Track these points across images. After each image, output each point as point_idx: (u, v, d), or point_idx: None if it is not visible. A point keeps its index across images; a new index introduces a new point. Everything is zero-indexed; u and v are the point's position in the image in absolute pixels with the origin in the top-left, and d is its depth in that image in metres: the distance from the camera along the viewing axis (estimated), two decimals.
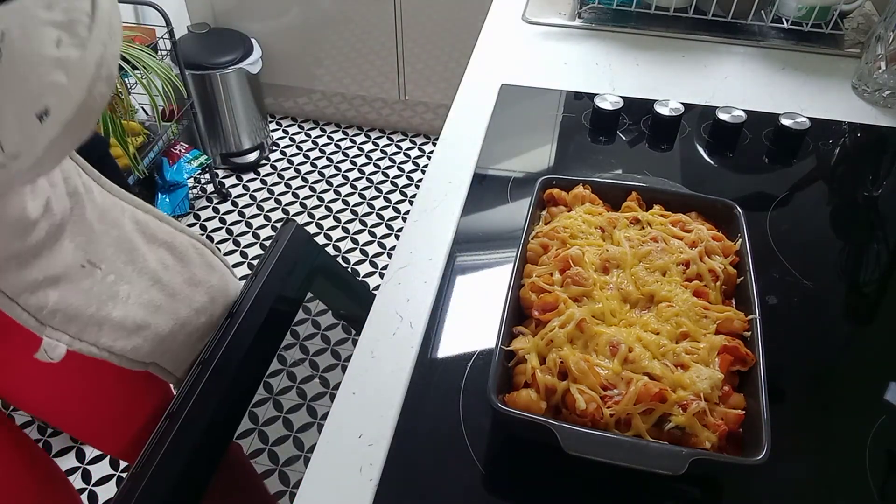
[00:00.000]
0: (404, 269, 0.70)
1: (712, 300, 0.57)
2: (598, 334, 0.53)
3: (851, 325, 0.68)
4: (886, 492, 0.53)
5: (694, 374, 0.50)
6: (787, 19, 1.08)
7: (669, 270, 0.58)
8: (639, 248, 0.60)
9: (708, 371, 0.51)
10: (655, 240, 0.61)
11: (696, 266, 0.58)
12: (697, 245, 0.60)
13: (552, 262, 0.59)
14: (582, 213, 0.64)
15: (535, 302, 0.56)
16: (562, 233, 0.61)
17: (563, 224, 0.62)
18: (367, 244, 2.04)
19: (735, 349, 0.52)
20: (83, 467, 1.51)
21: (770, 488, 0.53)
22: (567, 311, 0.54)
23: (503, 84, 0.98)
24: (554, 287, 0.57)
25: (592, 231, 0.62)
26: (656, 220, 0.63)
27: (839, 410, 0.59)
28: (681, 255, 0.59)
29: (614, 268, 0.59)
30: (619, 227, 0.63)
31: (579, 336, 0.53)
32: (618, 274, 0.58)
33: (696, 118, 0.93)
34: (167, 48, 1.84)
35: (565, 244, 0.60)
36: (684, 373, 0.51)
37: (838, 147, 0.90)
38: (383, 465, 0.54)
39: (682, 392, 0.49)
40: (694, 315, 0.55)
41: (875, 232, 0.78)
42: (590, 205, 0.66)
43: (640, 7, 1.13)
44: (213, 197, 2.22)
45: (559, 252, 0.59)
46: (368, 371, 0.61)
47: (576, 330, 0.53)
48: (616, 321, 0.55)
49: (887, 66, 0.93)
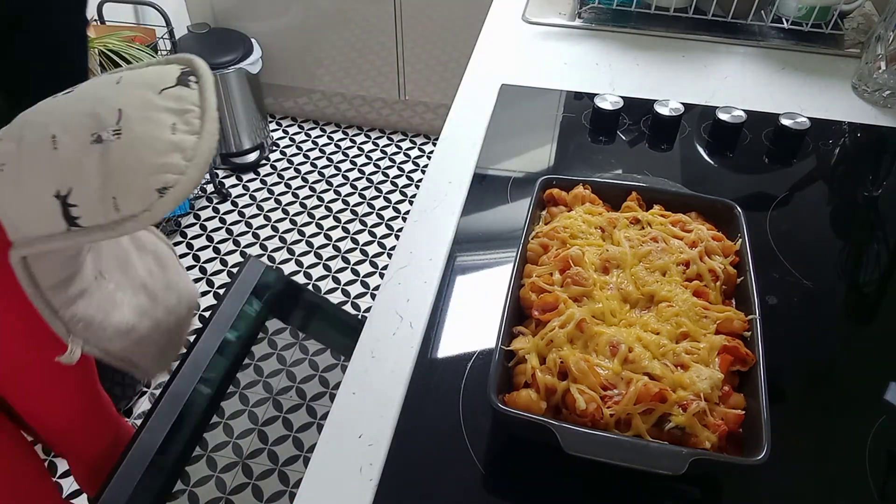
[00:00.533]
0: (404, 269, 0.70)
1: (712, 300, 0.57)
2: (598, 334, 0.53)
3: (851, 325, 0.68)
4: (886, 492, 0.53)
5: (694, 374, 0.50)
6: (787, 19, 1.08)
7: (669, 270, 0.58)
8: (639, 248, 0.60)
9: (708, 371, 0.51)
10: (655, 240, 0.60)
11: (695, 266, 0.58)
12: (697, 245, 0.60)
13: (552, 262, 0.59)
14: (582, 213, 0.64)
15: (535, 302, 0.56)
16: (562, 233, 0.61)
17: (563, 224, 0.62)
18: (367, 244, 2.04)
19: (735, 349, 0.52)
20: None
21: (770, 488, 0.53)
22: (567, 311, 0.54)
23: (503, 84, 0.97)
24: (554, 287, 0.57)
25: (592, 231, 0.62)
26: (656, 220, 0.63)
27: (839, 410, 0.59)
28: (681, 255, 0.59)
29: (614, 268, 0.59)
30: (618, 227, 0.63)
31: (579, 336, 0.53)
32: (618, 274, 0.58)
33: (696, 118, 0.92)
34: (167, 48, 1.84)
35: (565, 244, 0.60)
36: (684, 373, 0.51)
37: (838, 147, 0.90)
38: (383, 465, 0.54)
39: (682, 392, 0.49)
40: (694, 315, 0.55)
41: (875, 232, 0.78)
42: (590, 205, 0.66)
43: (640, 7, 1.13)
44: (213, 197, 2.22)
45: (559, 252, 0.59)
46: (368, 371, 0.61)
47: (576, 330, 0.53)
48: (616, 321, 0.55)
49: (887, 66, 0.93)
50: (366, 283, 1.92)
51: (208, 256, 2.04)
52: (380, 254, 2.01)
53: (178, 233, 2.12)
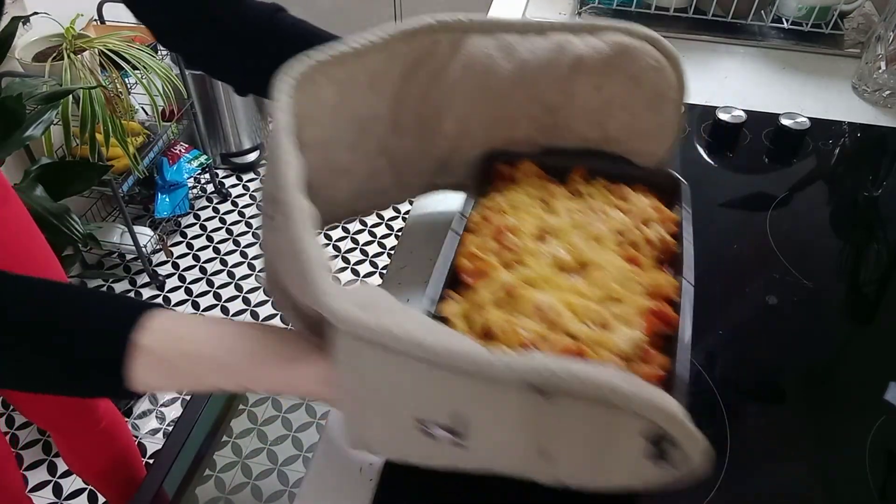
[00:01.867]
0: (404, 269, 0.70)
1: (646, 267, 0.57)
2: (525, 298, 0.53)
3: (851, 325, 0.67)
4: (886, 492, 0.53)
5: (615, 335, 0.50)
6: (787, 19, 1.08)
7: (605, 238, 0.58)
8: (577, 218, 0.60)
9: (630, 332, 0.51)
10: (595, 210, 0.61)
11: (632, 235, 0.59)
12: (637, 215, 0.60)
13: (488, 231, 0.59)
14: (526, 186, 0.64)
15: (467, 268, 0.56)
16: (503, 204, 0.62)
17: (506, 197, 0.63)
18: (367, 244, 2.04)
19: (661, 312, 0.52)
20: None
21: (770, 488, 0.53)
22: (495, 276, 0.54)
23: None
24: (488, 255, 0.57)
25: (533, 203, 0.63)
26: (598, 192, 0.63)
27: (839, 410, 0.59)
28: (617, 224, 0.59)
29: (551, 236, 0.59)
30: (559, 198, 0.63)
31: (508, 301, 0.53)
32: (555, 242, 0.58)
33: (696, 118, 0.92)
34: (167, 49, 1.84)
35: (505, 215, 0.61)
36: (606, 332, 0.51)
37: (838, 147, 0.90)
38: (383, 465, 0.54)
39: (602, 351, 0.49)
40: (624, 280, 0.55)
41: (875, 232, 0.78)
42: (536, 178, 0.66)
43: (640, 7, 1.13)
44: (213, 197, 2.22)
45: (498, 223, 0.60)
46: None
47: (505, 295, 0.53)
48: (547, 287, 0.55)
49: (887, 66, 0.93)
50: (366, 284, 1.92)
51: (208, 256, 2.04)
52: (380, 254, 2.01)
53: (178, 233, 2.12)
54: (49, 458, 1.55)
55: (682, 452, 0.39)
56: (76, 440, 1.11)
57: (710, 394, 0.59)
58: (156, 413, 1.64)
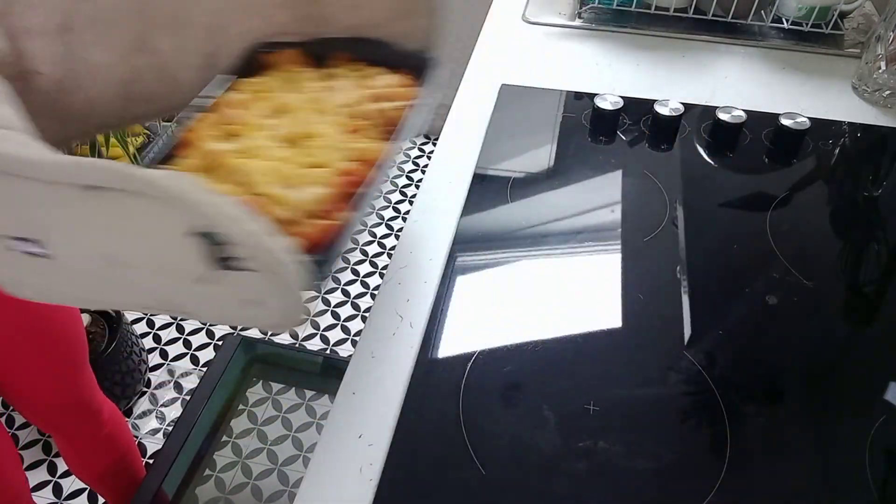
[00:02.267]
0: (404, 269, 0.70)
1: (365, 138, 0.58)
2: (223, 165, 0.53)
3: (851, 325, 0.68)
4: (886, 492, 0.53)
5: (299, 193, 0.51)
6: (787, 19, 1.08)
7: (332, 112, 0.59)
8: (315, 96, 0.61)
9: (315, 190, 0.51)
10: (336, 90, 0.61)
11: (358, 109, 0.59)
12: (375, 93, 0.61)
13: (217, 109, 0.60)
14: (280, 72, 0.65)
15: (179, 140, 0.57)
16: (243, 86, 0.62)
17: (252, 81, 0.63)
18: (367, 244, 2.04)
19: (351, 171, 0.53)
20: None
21: (770, 488, 0.53)
22: (200, 146, 0.55)
23: (503, 84, 0.97)
24: (209, 129, 0.58)
25: (281, 85, 0.63)
26: (342, 73, 0.64)
27: (839, 410, 0.59)
28: (347, 98, 0.60)
29: (284, 113, 0.60)
30: (307, 81, 0.63)
31: (212, 169, 0.54)
32: (286, 119, 0.59)
33: (696, 118, 0.93)
34: None
35: (234, 92, 0.62)
36: (291, 191, 0.51)
37: (838, 147, 0.90)
38: (383, 465, 0.54)
39: (282, 208, 0.49)
40: (335, 149, 0.56)
41: (875, 232, 0.78)
42: (293, 65, 0.66)
43: (640, 7, 1.13)
44: None
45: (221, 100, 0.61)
46: (368, 371, 0.61)
47: (210, 163, 0.54)
48: (262, 157, 0.56)
49: (887, 66, 0.93)
50: (366, 284, 1.92)
51: None
52: (380, 254, 2.01)
53: None
54: (49, 458, 1.55)
55: (246, 250, 0.38)
56: (79, 443, 1.11)
57: (710, 394, 0.59)
58: (156, 413, 1.64)
